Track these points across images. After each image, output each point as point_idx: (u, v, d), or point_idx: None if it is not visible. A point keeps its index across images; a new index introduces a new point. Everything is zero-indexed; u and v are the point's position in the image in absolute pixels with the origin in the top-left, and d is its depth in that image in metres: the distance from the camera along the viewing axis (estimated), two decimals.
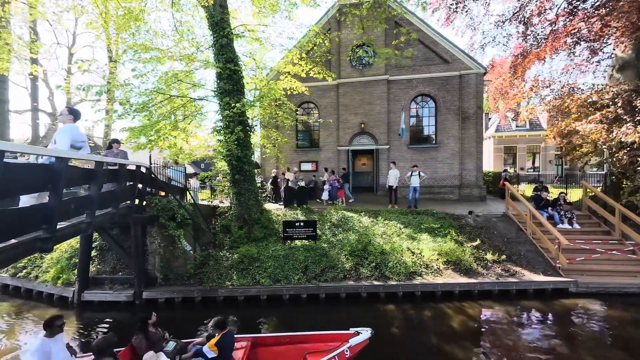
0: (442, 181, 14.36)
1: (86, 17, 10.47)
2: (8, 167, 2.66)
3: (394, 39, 12.72)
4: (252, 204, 9.45)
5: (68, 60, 18.82)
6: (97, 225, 5.57)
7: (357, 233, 8.73)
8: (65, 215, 4.08)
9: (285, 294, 6.98)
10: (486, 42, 12.97)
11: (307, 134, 16.12)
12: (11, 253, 3.10)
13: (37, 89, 16.62)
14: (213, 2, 8.52)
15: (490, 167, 23.80)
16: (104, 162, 4.99)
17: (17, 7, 10.33)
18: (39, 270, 8.02)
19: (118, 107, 8.84)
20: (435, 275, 7.34)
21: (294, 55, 10.59)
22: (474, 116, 14.00)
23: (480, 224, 9.45)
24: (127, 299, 6.98)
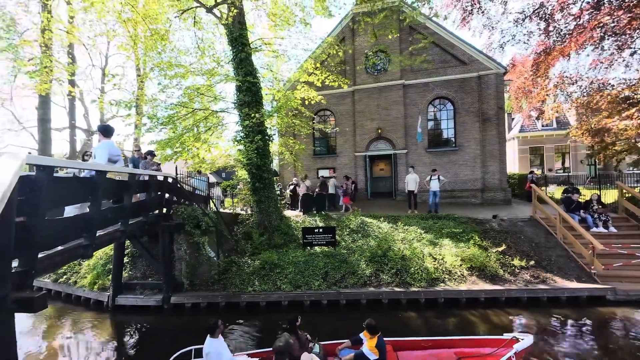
0: (463, 185, 13.99)
1: (118, 40, 11.31)
2: (57, 180, 2.96)
3: (409, 44, 12.73)
4: (272, 211, 9.66)
5: (101, 80, 20.24)
6: (130, 233, 5.93)
7: (377, 239, 8.68)
8: (103, 224, 4.41)
9: (306, 299, 7.04)
10: (505, 41, 12.63)
11: (324, 141, 16.30)
12: (58, 259, 3.41)
13: (74, 108, 17.96)
14: (232, 20, 8.96)
15: (515, 169, 22.85)
16: (136, 175, 5.35)
17: (56, 34, 11.35)
18: (78, 276, 8.60)
19: (146, 121, 9.43)
20: (459, 282, 7.15)
21: (310, 66, 10.85)
22: (495, 117, 13.61)
23: (505, 228, 9.11)
24: (156, 303, 7.32)
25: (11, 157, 2.27)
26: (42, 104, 12.77)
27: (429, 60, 12.82)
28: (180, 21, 10.57)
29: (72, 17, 11.14)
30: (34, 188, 2.77)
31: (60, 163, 3.74)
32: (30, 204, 2.76)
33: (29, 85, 10.05)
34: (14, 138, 28.58)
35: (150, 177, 6.38)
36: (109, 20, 9.82)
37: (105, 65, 20.57)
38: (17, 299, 2.59)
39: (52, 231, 3.14)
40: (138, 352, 5.79)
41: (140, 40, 10.55)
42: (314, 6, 10.27)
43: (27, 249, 2.78)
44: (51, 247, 3.30)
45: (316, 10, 10.29)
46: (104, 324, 6.84)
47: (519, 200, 14.36)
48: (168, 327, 6.68)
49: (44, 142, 12.85)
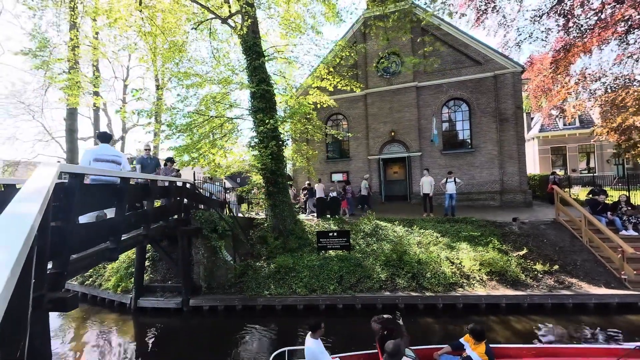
0: (480, 187, 13.64)
1: (138, 53, 11.87)
2: (87, 187, 3.16)
3: (422, 46, 12.64)
4: (287, 215, 9.77)
5: (123, 91, 21.22)
6: (151, 238, 6.17)
7: (392, 243, 8.60)
8: (127, 228, 4.62)
9: (321, 303, 7.05)
10: (522, 39, 12.35)
11: (336, 145, 16.34)
12: (88, 261, 3.61)
13: (99, 118, 18.90)
14: (246, 29, 9.23)
15: (535, 170, 22.06)
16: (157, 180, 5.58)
17: (83, 50, 12.04)
18: (102, 279, 8.98)
19: (165, 129, 9.80)
20: (478, 287, 6.96)
21: (322, 71, 10.99)
22: (513, 117, 13.25)
23: (526, 231, 8.80)
24: (175, 306, 7.53)
25: (47, 166, 2.46)
26: (70, 115, 13.52)
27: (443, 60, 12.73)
28: (197, 32, 10.99)
29: (97, 33, 11.81)
30: (66, 194, 2.96)
31: (88, 171, 3.97)
32: (63, 209, 2.95)
33: (62, 100, 10.68)
34: (44, 148, 30.64)
35: (170, 182, 6.63)
36: (131, 35, 10.33)
37: (126, 77, 21.59)
38: (52, 299, 2.76)
39: (83, 235, 3.34)
40: (159, 353, 5.98)
41: (159, 52, 11.03)
42: (325, 12, 10.43)
43: (61, 251, 2.97)
44: (82, 250, 3.50)
45: (327, 17, 10.46)
46: (127, 325, 7.11)
47: (540, 203, 13.84)
48: (187, 329, 6.86)
49: (71, 152, 13.58)
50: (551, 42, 12.46)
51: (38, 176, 2.09)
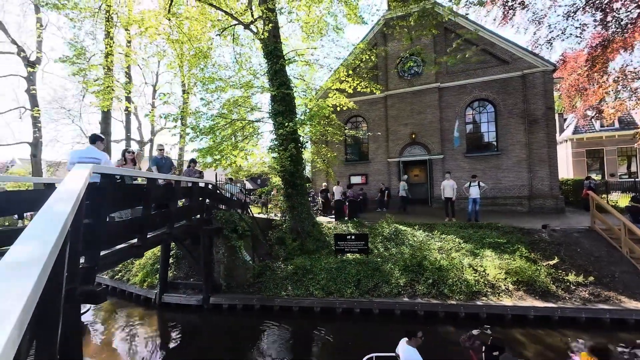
0: (507, 191, 13.02)
1: (166, 60, 12.48)
2: (118, 187, 3.34)
3: (444, 46, 12.33)
4: (305, 217, 9.81)
5: (152, 95, 22.34)
6: (175, 236, 6.41)
7: (412, 247, 8.39)
8: (152, 227, 4.84)
9: (338, 307, 7.00)
10: (554, 36, 11.70)
11: (356, 147, 16.24)
12: (116, 257, 3.82)
13: (130, 122, 19.99)
14: (267, 34, 9.42)
15: (568, 174, 20.73)
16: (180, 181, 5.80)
17: (117, 57, 12.81)
18: (130, 274, 9.45)
19: (190, 132, 10.20)
20: (503, 297, 6.62)
21: (342, 73, 10.98)
22: (543, 118, 12.56)
23: (557, 239, 8.27)
24: (197, 303, 7.77)
25: (81, 166, 2.63)
26: (104, 119, 14.40)
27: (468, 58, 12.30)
28: (221, 39, 11.37)
29: (129, 42, 12.53)
30: (98, 193, 3.15)
31: (118, 171, 4.20)
32: (94, 207, 3.14)
33: (95, 103, 11.40)
34: None
35: (193, 183, 6.88)
36: (160, 42, 10.88)
37: (155, 83, 22.70)
38: (83, 292, 2.94)
39: (112, 232, 3.54)
40: (181, 348, 6.18)
41: (186, 58, 11.52)
42: (347, 14, 10.44)
43: (92, 247, 3.16)
44: (111, 246, 3.70)
45: (349, 18, 10.46)
46: (152, 319, 7.42)
47: (573, 209, 12.99)
48: (208, 326, 7.05)
49: (131, 151, 14.42)
50: (587, 38, 11.69)
51: (73, 176, 2.24)
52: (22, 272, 1.00)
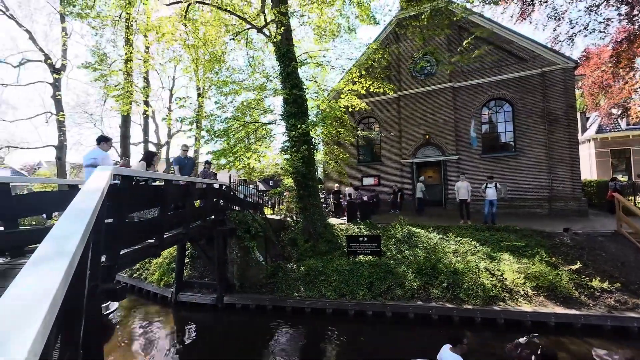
0: (525, 193, 12.60)
1: (182, 64, 12.82)
2: (137, 188, 3.46)
3: (458, 45, 12.08)
4: (317, 219, 9.83)
5: (169, 99, 23.00)
6: (191, 236, 6.56)
7: (425, 250, 8.25)
8: (169, 227, 4.97)
9: (350, 309, 6.96)
10: (575, 32, 11.26)
11: (368, 149, 16.14)
12: (135, 256, 3.95)
13: (148, 125, 20.65)
14: (280, 37, 9.53)
15: (592, 175, 19.84)
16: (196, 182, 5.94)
17: (135, 63, 13.28)
18: (147, 273, 9.73)
19: (205, 135, 10.43)
20: (522, 302, 6.40)
21: (354, 74, 10.96)
22: (564, 117, 12.10)
23: (580, 243, 7.92)
24: (211, 302, 7.91)
25: (103, 168, 2.74)
26: (124, 123, 14.96)
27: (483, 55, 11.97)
28: (234, 43, 11.60)
29: (147, 48, 12.96)
30: (118, 194, 3.28)
31: (137, 173, 4.35)
32: (115, 208, 3.26)
33: (115, 108, 11.86)
34: None
35: (208, 185, 7.02)
36: (176, 48, 11.21)
37: (172, 87, 23.38)
38: (104, 289, 3.06)
39: (131, 232, 3.66)
40: (197, 345, 6.31)
41: (201, 63, 11.81)
42: (359, 15, 10.43)
43: (112, 246, 3.28)
44: (130, 246, 3.83)
45: (361, 19, 10.45)
46: (168, 317, 7.61)
47: (597, 212, 12.42)
48: (222, 325, 7.17)
49: (124, 155, 14.97)
50: (611, 33, 11.20)
51: (95, 178, 2.34)
52: (49, 269, 1.06)
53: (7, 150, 19.31)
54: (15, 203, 3.93)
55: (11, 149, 19.19)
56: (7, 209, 3.77)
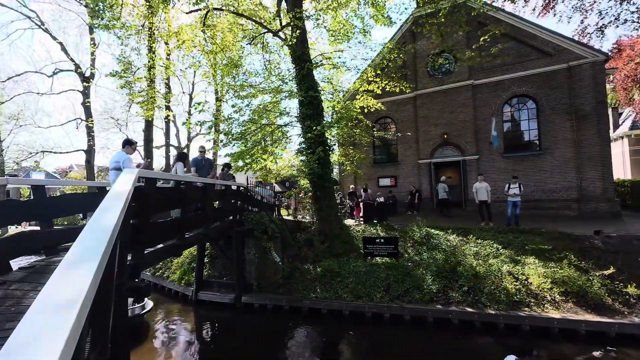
0: (552, 194, 12.01)
1: (201, 70, 13.23)
2: (160, 190, 3.60)
3: (478, 41, 11.74)
4: (333, 220, 9.82)
5: (189, 104, 23.76)
6: (210, 236, 6.74)
7: (445, 252, 8.04)
8: (190, 227, 5.13)
9: (367, 311, 6.90)
10: (605, 23, 10.65)
11: (384, 149, 15.95)
12: (158, 255, 4.10)
13: (169, 129, 21.43)
14: (295, 40, 9.62)
15: (625, 174, 18.63)
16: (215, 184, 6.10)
17: (158, 70, 13.82)
18: (169, 272, 10.08)
19: (223, 138, 10.68)
20: (549, 308, 6.10)
21: (369, 74, 10.89)
22: (593, 113, 11.44)
23: (613, 247, 7.45)
24: (229, 301, 8.08)
25: (129, 172, 2.88)
26: (147, 127, 15.59)
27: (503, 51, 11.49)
28: (251, 47, 11.83)
29: (168, 55, 13.46)
30: (143, 196, 3.42)
31: (160, 175, 4.52)
32: (140, 209, 3.41)
33: (140, 113, 12.39)
34: None
35: (226, 186, 7.19)
36: (195, 54, 11.58)
37: (192, 92, 24.14)
38: (130, 287, 3.20)
39: (155, 232, 3.81)
40: (216, 343, 6.47)
41: (219, 67, 12.13)
42: (374, 15, 10.36)
43: (138, 246, 3.43)
44: (153, 245, 3.99)
45: (376, 19, 10.37)
46: (188, 315, 7.84)
47: (632, 213, 11.65)
48: (240, 324, 7.30)
49: (148, 159, 15.61)
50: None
51: (121, 181, 2.46)
52: (82, 268, 1.13)
53: (42, 155, 20.61)
54: (49, 204, 4.19)
55: (45, 153, 20.47)
56: (42, 210, 4.03)
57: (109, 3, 8.78)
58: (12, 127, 20.68)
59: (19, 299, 2.70)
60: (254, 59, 30.75)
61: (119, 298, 3.00)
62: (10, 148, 20.79)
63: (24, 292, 2.85)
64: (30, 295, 2.77)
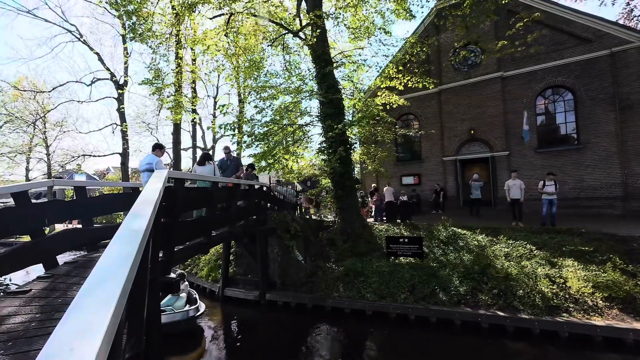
0: (592, 191, 11.14)
1: (225, 73, 13.63)
2: (188, 190, 3.75)
3: (508, 31, 11.11)
4: (355, 219, 9.75)
5: (214, 106, 24.58)
6: (235, 235, 6.93)
7: (473, 253, 7.71)
8: (216, 226, 5.31)
9: (391, 312, 6.78)
10: None
11: (407, 146, 15.58)
12: (187, 252, 4.29)
13: (196, 131, 22.30)
14: (315, 39, 9.64)
15: None
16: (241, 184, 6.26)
17: (184, 75, 14.42)
18: (197, 268, 10.50)
19: (246, 139, 10.94)
20: (591, 314, 5.66)
21: (391, 70, 10.67)
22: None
23: None
24: (254, 298, 8.27)
25: (160, 172, 3.03)
26: (175, 130, 16.35)
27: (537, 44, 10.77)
28: (272, 49, 12.02)
29: (194, 60, 14.00)
30: (172, 196, 3.58)
31: (188, 176, 4.72)
32: (169, 208, 3.58)
33: (169, 117, 13.00)
34: None
35: (250, 186, 7.36)
36: (219, 58, 11.95)
37: (216, 95, 24.95)
38: (162, 282, 3.37)
39: (183, 230, 3.98)
40: (242, 339, 6.65)
41: (241, 70, 12.44)
42: (395, 10, 10.14)
43: (168, 243, 3.59)
44: (182, 243, 4.18)
45: (397, 14, 10.15)
46: (216, 311, 8.12)
47: None
48: (264, 320, 7.46)
49: (176, 161, 16.37)
50: None
51: (153, 181, 2.58)
52: (119, 263, 1.20)
53: (82, 158, 22.25)
54: (90, 204, 4.51)
55: (85, 157, 22.08)
56: (84, 209, 4.35)
57: (141, 15, 9.27)
58: (57, 133, 22.52)
59: (64, 291, 2.93)
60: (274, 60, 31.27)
61: (152, 293, 3.17)
62: (56, 152, 22.64)
63: (68, 285, 3.09)
64: (74, 288, 3.00)
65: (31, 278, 3.45)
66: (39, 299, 2.75)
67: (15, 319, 2.38)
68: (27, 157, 22.91)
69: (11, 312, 2.48)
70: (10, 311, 2.49)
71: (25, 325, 2.28)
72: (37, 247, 3.48)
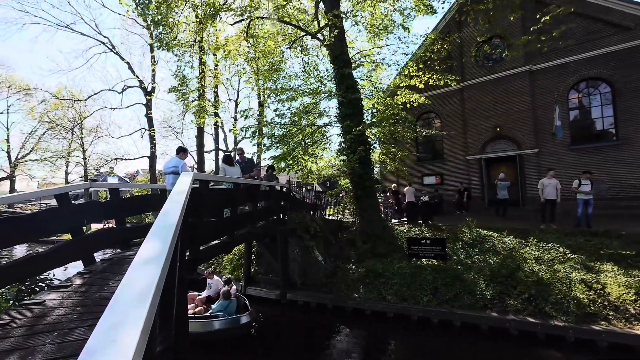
0: (633, 191, 10.33)
1: (245, 76, 13.99)
2: (211, 191, 3.90)
3: (536, 23, 10.56)
4: (375, 219, 9.64)
5: (235, 109, 25.27)
6: (256, 235, 7.09)
7: (500, 256, 7.39)
8: (239, 226, 5.46)
9: (413, 314, 6.64)
10: None
11: (429, 145, 15.20)
12: (212, 251, 4.45)
13: (218, 134, 23.00)
14: (333, 40, 9.65)
15: None
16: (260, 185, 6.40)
17: (207, 80, 14.92)
18: (220, 267, 10.82)
19: (266, 142, 11.15)
20: (634, 323, 5.25)
21: (411, 68, 10.47)
22: None
23: None
24: (275, 297, 8.40)
25: (186, 175, 3.17)
26: (199, 134, 16.97)
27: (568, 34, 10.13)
28: (290, 51, 12.17)
29: (216, 65, 14.47)
30: (198, 196, 3.73)
31: (212, 178, 4.89)
32: (195, 208, 3.73)
33: (194, 121, 13.53)
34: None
35: (270, 187, 7.51)
36: (240, 62, 12.28)
37: (237, 98, 25.61)
38: (189, 279, 3.51)
39: (208, 230, 4.14)
40: (264, 337, 6.78)
41: (261, 73, 12.70)
42: (414, 6, 9.94)
43: (194, 242, 3.75)
44: (207, 242, 4.34)
45: (417, 9, 9.94)
46: None
47: None
48: (285, 319, 7.57)
49: (200, 163, 16.98)
50: None
51: (181, 183, 2.71)
52: (152, 262, 1.27)
53: (115, 162, 23.64)
54: (123, 205, 4.79)
55: (117, 160, 23.45)
56: (117, 210, 4.63)
57: (167, 24, 9.71)
58: (92, 138, 24.10)
59: (101, 287, 3.14)
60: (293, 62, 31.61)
61: (181, 290, 3.32)
62: (91, 157, 24.22)
63: (105, 281, 3.31)
64: (111, 283, 3.20)
65: (71, 274, 3.72)
66: (79, 293, 2.97)
67: (59, 311, 2.58)
68: (67, 161, 24.70)
69: (55, 305, 2.70)
70: (55, 304, 2.71)
71: (67, 317, 2.47)
72: (77, 245, 3.75)
